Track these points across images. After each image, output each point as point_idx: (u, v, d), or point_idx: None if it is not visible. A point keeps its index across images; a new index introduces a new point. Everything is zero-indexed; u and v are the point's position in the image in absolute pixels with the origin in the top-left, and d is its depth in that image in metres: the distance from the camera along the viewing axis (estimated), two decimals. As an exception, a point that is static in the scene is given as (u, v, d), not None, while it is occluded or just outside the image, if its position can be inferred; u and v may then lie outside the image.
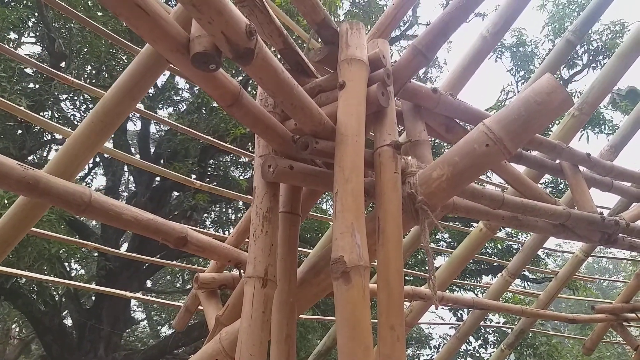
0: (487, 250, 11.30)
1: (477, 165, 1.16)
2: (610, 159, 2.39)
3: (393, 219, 1.08)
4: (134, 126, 13.83)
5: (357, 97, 1.15)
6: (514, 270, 2.52)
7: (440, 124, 1.62)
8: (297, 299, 1.24)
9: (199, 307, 1.83)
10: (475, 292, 10.58)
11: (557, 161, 2.03)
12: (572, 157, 1.96)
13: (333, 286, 0.95)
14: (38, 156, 10.35)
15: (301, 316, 1.33)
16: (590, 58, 9.80)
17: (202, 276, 1.65)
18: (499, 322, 10.50)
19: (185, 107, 11.12)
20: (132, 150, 13.01)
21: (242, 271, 1.63)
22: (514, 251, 9.26)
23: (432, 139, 1.85)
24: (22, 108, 1.92)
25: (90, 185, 11.23)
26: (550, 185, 9.94)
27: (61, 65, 8.49)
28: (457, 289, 10.14)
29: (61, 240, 5.48)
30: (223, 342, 1.30)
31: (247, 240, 1.89)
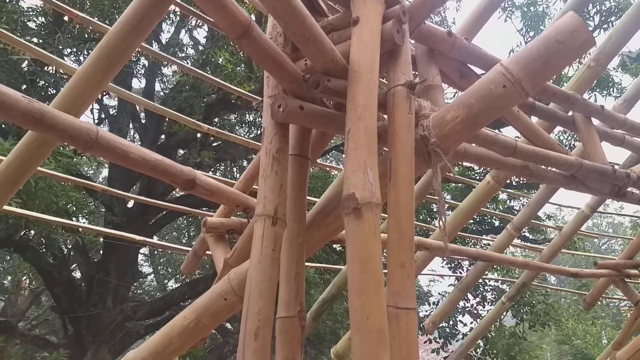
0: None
1: (493, 108, 1.13)
2: (623, 112, 2.34)
3: (405, 159, 1.06)
4: (138, 83, 13.70)
5: (372, 33, 1.11)
6: (518, 224, 2.52)
7: (454, 69, 1.58)
8: (305, 240, 1.24)
9: (207, 252, 1.84)
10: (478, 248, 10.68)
11: (570, 113, 2.00)
12: (585, 108, 1.92)
13: (344, 222, 0.95)
14: (42, 110, 10.27)
15: (307, 263, 1.33)
16: (602, 19, 9.52)
17: (211, 220, 1.65)
18: (497, 281, 10.67)
19: (189, 64, 10.98)
20: (137, 108, 12.92)
21: (250, 216, 1.63)
22: (516, 212, 9.29)
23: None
24: (30, 46, 1.88)
25: (95, 140, 11.20)
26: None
27: (64, 18, 8.33)
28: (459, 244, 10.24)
29: (72, 182, 5.49)
30: (232, 282, 1.31)
31: (255, 187, 1.89)
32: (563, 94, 1.81)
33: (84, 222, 12.22)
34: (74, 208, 6.51)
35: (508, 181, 10.19)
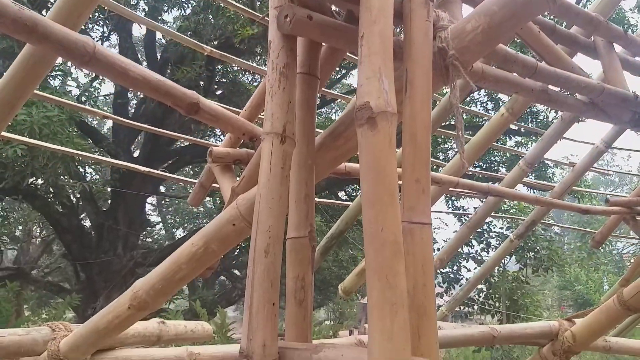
0: (496, 159, 11.27)
1: (518, 16, 1.05)
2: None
3: (422, 69, 1.00)
4: (139, 30, 13.36)
5: None
6: (531, 159, 2.46)
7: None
8: (315, 162, 1.19)
9: (214, 185, 1.81)
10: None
11: (591, 39, 1.90)
12: (608, 32, 1.81)
13: (357, 134, 0.89)
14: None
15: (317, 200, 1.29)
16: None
17: (217, 150, 1.60)
18: (502, 228, 10.76)
19: (190, 8, 10.66)
20: (139, 56, 12.68)
21: (256, 145, 1.58)
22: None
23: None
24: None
25: (99, 89, 11.07)
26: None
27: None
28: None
29: (69, 107, 5.43)
30: (240, 208, 1.27)
31: (261, 116, 1.83)
32: (586, 15, 1.70)
33: (90, 172, 12.28)
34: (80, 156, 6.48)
35: (516, 128, 10.01)
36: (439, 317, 3.26)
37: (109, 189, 12.24)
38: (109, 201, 12.24)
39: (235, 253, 14.60)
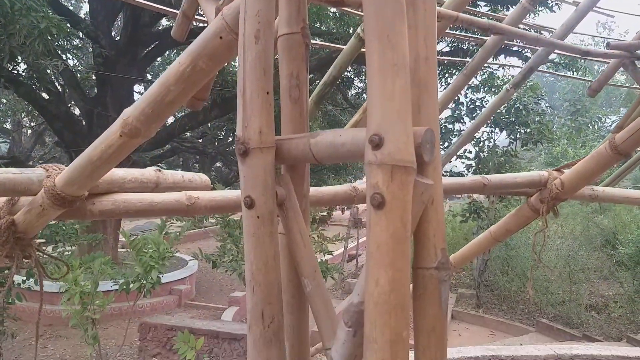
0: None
1: None
2: None
3: None
4: None
5: None
6: (534, -3, 2.31)
7: None
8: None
9: (198, 17, 1.70)
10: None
11: None
12: None
13: None
14: None
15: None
16: None
17: (198, -30, 1.47)
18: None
19: None
20: None
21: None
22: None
23: None
24: None
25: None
26: None
27: None
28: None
29: None
30: (226, 18, 1.18)
31: None
32: None
33: (70, 59, 11.77)
34: (55, 32, 6.14)
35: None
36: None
37: (93, 75, 11.87)
38: (95, 89, 11.94)
39: (230, 139, 14.59)
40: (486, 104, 11.09)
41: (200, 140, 14.20)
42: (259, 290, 0.90)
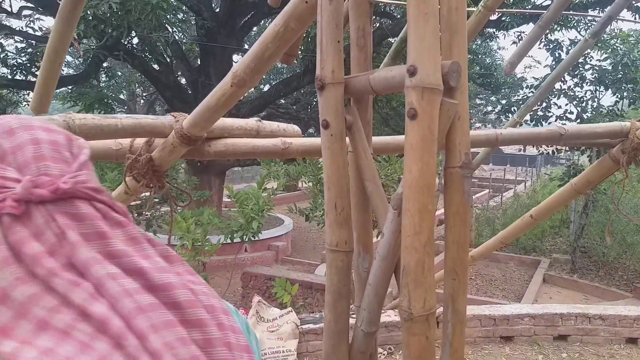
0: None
1: None
2: None
3: None
4: None
5: None
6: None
7: None
8: None
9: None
10: None
11: None
12: None
13: None
14: None
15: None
16: None
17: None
18: (599, 60, 10.00)
19: None
20: None
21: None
22: None
23: None
24: None
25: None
26: None
27: None
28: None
29: None
30: (311, -14, 1.49)
31: None
32: None
33: (175, 32, 12.75)
34: (165, 7, 6.82)
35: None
36: (511, 124, 3.42)
37: (197, 48, 12.80)
38: (199, 59, 12.87)
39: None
40: (590, 59, 10.39)
41: (294, 107, 14.81)
42: (332, 187, 1.25)
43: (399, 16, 10.45)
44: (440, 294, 1.24)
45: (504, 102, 15.29)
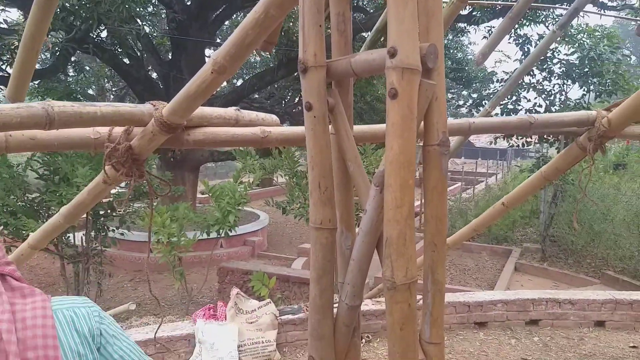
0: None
1: None
2: None
3: None
4: None
5: None
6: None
7: None
8: None
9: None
10: None
11: None
12: None
13: None
14: None
15: None
16: None
17: None
18: (567, 54, 10.29)
19: None
20: None
21: None
22: None
23: None
24: None
25: None
26: None
27: None
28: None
29: None
30: (290, -26, 1.52)
31: None
32: None
33: (145, 25, 12.54)
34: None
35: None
36: (483, 114, 3.51)
37: (168, 42, 12.62)
38: (170, 53, 12.70)
39: (296, 100, 15.06)
40: (558, 53, 10.68)
41: (268, 101, 14.77)
42: (316, 167, 1.28)
43: (371, 10, 10.60)
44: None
45: (475, 96, 15.59)
